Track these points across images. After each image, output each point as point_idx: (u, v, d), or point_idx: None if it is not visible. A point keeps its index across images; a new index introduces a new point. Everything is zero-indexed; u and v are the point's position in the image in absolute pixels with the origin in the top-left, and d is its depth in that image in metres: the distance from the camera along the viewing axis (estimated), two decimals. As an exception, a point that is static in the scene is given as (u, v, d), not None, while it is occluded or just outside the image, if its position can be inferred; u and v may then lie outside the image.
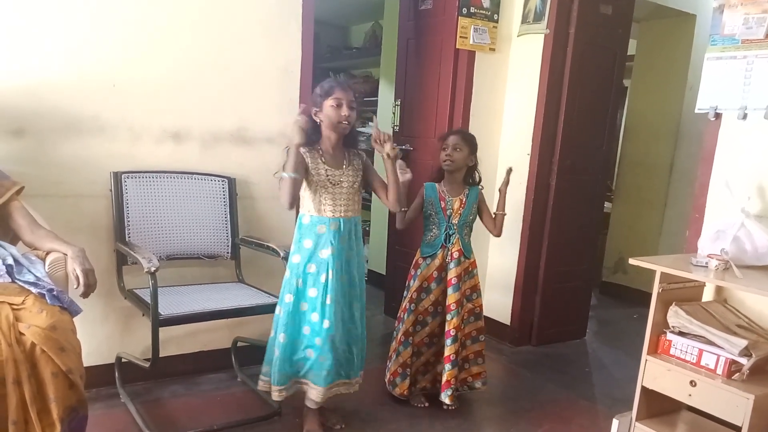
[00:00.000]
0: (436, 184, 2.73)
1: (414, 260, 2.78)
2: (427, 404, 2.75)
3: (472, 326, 2.77)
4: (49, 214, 2.30)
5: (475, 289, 2.77)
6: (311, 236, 2.32)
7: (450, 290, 2.67)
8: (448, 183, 2.73)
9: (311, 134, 2.30)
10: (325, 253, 2.30)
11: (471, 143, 2.71)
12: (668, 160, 4.64)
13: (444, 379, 2.68)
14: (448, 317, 2.66)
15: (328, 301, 2.28)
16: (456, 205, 2.69)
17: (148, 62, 2.62)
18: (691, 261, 2.25)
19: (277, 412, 2.57)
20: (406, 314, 2.72)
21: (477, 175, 2.77)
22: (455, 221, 2.68)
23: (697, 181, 2.64)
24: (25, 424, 1.67)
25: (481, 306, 2.80)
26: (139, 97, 2.62)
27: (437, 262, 2.70)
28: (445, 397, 2.67)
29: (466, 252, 2.72)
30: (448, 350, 2.65)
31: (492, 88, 3.61)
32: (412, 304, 2.71)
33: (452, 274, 2.67)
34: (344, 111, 2.26)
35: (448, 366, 2.66)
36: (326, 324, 2.27)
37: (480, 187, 2.78)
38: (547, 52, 3.40)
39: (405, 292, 2.77)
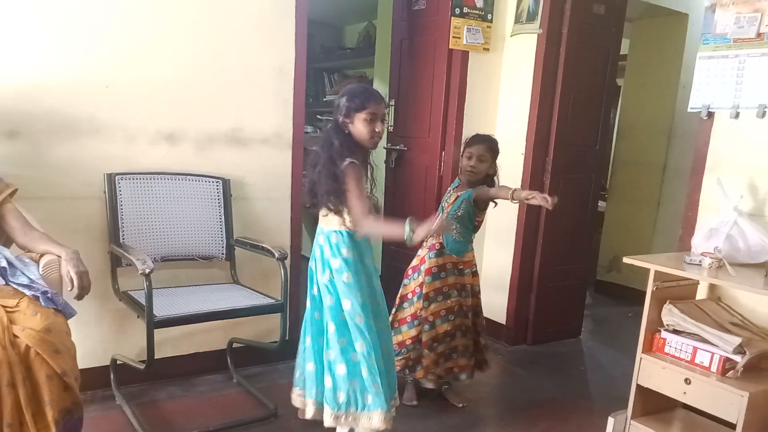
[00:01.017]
0: (458, 181, 2.77)
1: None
2: (416, 402, 2.76)
3: (461, 321, 2.74)
4: (43, 216, 2.30)
5: (464, 288, 2.74)
6: (355, 249, 2.20)
7: (428, 279, 2.69)
8: (464, 185, 2.71)
9: (351, 146, 2.15)
10: (364, 265, 2.22)
11: (495, 152, 2.68)
12: (662, 159, 4.66)
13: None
14: (406, 305, 2.74)
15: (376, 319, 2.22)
16: (451, 200, 2.70)
17: (143, 63, 2.62)
18: (685, 259, 2.27)
19: (273, 414, 2.56)
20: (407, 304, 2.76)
21: (496, 182, 2.71)
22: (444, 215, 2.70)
23: (691, 179, 2.66)
24: (20, 427, 1.66)
25: (469, 306, 2.76)
26: (134, 98, 2.62)
27: (421, 251, 2.76)
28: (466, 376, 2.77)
29: (449, 248, 2.69)
30: (413, 333, 2.71)
31: (486, 88, 3.61)
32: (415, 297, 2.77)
33: (431, 263, 2.68)
34: (378, 127, 2.13)
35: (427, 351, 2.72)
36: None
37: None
38: (541, 51, 3.40)
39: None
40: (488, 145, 2.66)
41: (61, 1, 2.41)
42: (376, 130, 2.14)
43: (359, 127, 2.13)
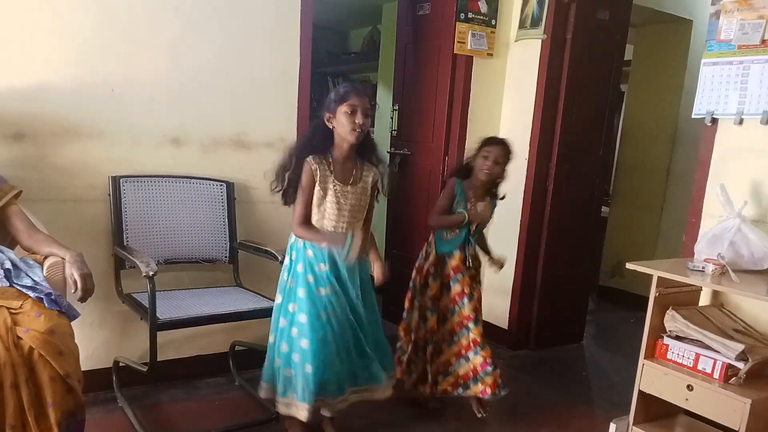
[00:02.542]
0: (463, 183, 2.64)
1: (431, 260, 2.67)
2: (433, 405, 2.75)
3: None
4: (47, 218, 2.31)
5: (475, 280, 2.72)
6: (312, 247, 2.26)
7: (466, 299, 2.63)
8: (474, 186, 2.64)
9: (322, 141, 2.24)
10: (323, 267, 2.25)
11: (510, 158, 2.64)
12: (665, 165, 4.65)
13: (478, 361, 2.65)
14: (471, 326, 2.63)
15: (321, 317, 2.22)
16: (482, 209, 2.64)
17: (148, 67, 2.63)
18: (688, 265, 2.26)
19: (275, 417, 2.56)
20: (429, 312, 2.67)
21: (500, 191, 2.71)
22: (477, 227, 2.65)
23: (694, 185, 2.65)
24: (23, 428, 1.67)
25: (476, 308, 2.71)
26: (139, 101, 2.63)
27: (453, 262, 2.64)
28: (479, 383, 2.66)
29: (477, 256, 2.71)
30: (479, 358, 2.63)
31: (490, 93, 3.62)
32: (434, 303, 2.67)
33: (468, 274, 2.65)
34: (358, 119, 2.16)
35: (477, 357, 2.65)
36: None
37: (501, 198, 2.72)
38: (545, 57, 3.41)
39: (422, 291, 2.69)
40: (507, 150, 2.62)
41: (66, 4, 2.43)
42: (357, 121, 2.17)
43: (341, 119, 2.19)
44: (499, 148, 2.61)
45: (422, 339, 2.70)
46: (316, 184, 2.22)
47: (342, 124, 2.19)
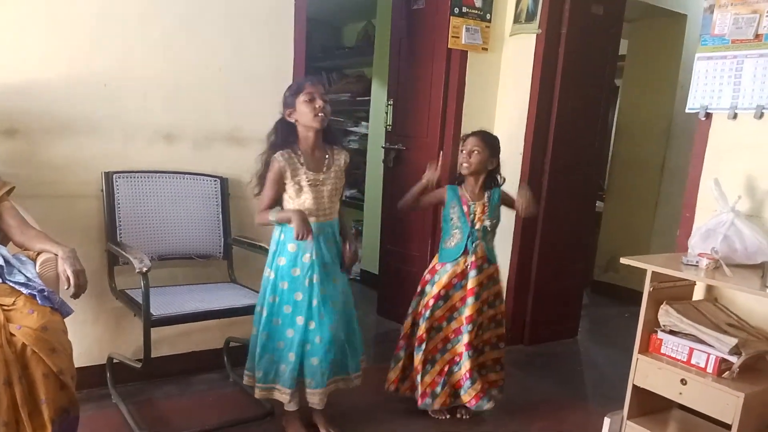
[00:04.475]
0: (458, 187, 2.62)
1: (431, 266, 2.66)
2: (448, 416, 2.68)
3: (492, 333, 2.67)
4: (40, 214, 2.29)
5: (498, 296, 2.67)
6: (294, 240, 2.25)
7: (470, 300, 2.55)
8: (469, 187, 2.60)
9: (286, 137, 2.29)
10: (308, 257, 2.27)
11: (492, 145, 2.58)
12: (660, 159, 4.66)
13: (463, 370, 2.57)
14: (468, 328, 2.55)
15: (314, 304, 2.27)
16: (479, 210, 2.56)
17: (141, 62, 2.61)
18: (682, 260, 2.27)
19: (270, 413, 2.56)
20: (421, 320, 2.60)
21: (500, 178, 2.65)
22: (478, 227, 2.56)
23: (688, 180, 2.66)
24: (16, 426, 1.66)
25: (503, 313, 2.69)
26: (132, 97, 2.62)
27: (458, 269, 2.57)
28: (466, 393, 2.57)
29: (490, 258, 2.61)
30: (469, 363, 2.56)
31: (484, 88, 3.61)
32: (428, 311, 2.58)
33: (474, 282, 2.55)
34: (318, 103, 2.23)
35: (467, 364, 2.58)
36: (312, 325, 2.27)
37: (502, 181, 2.66)
38: (539, 51, 3.40)
39: (419, 297, 2.66)
40: (480, 137, 2.57)
41: (60, 1, 2.41)
42: (317, 106, 2.23)
43: (302, 110, 2.25)
44: (472, 138, 2.58)
45: (413, 347, 2.67)
46: (288, 180, 2.26)
47: (304, 113, 2.25)
